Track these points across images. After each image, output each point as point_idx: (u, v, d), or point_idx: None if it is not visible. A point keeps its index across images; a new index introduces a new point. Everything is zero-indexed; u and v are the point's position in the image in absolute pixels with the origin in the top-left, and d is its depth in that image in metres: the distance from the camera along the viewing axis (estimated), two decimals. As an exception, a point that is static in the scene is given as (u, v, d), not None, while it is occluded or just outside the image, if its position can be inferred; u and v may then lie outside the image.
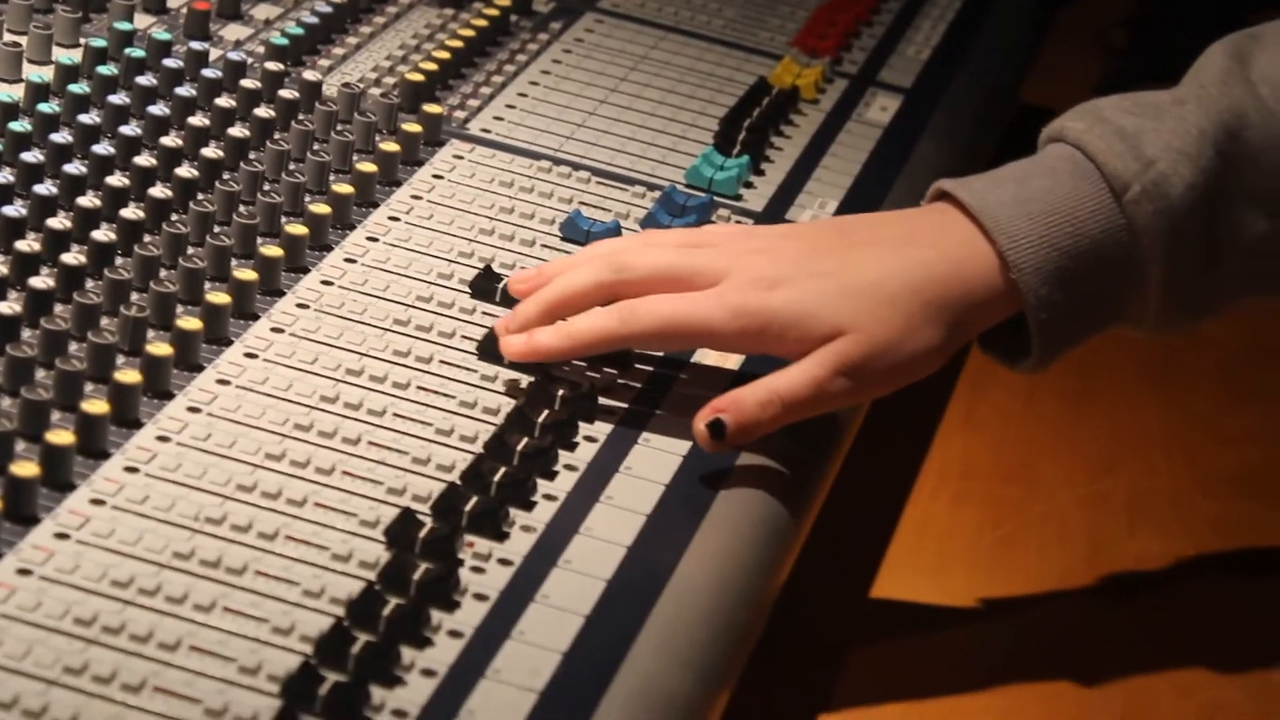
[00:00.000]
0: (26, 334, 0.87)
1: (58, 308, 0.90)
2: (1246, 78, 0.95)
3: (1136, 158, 0.92)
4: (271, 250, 0.96)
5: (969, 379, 1.21)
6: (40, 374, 0.85)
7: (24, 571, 0.76)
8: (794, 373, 0.90)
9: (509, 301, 0.97)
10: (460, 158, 1.11)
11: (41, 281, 0.89)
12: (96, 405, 0.83)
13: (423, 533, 0.81)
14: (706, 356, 0.97)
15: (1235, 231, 0.94)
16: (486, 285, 0.99)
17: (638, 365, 0.96)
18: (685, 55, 1.29)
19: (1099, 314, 0.94)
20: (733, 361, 0.97)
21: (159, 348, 0.87)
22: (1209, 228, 0.93)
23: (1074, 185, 0.93)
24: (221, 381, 0.89)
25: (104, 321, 0.89)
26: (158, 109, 1.06)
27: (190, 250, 0.96)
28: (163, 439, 0.84)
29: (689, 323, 0.91)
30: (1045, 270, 0.92)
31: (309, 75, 1.13)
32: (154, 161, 1.01)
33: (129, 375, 0.85)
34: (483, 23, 1.24)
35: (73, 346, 0.88)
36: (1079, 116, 0.95)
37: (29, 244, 0.92)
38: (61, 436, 0.81)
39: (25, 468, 0.79)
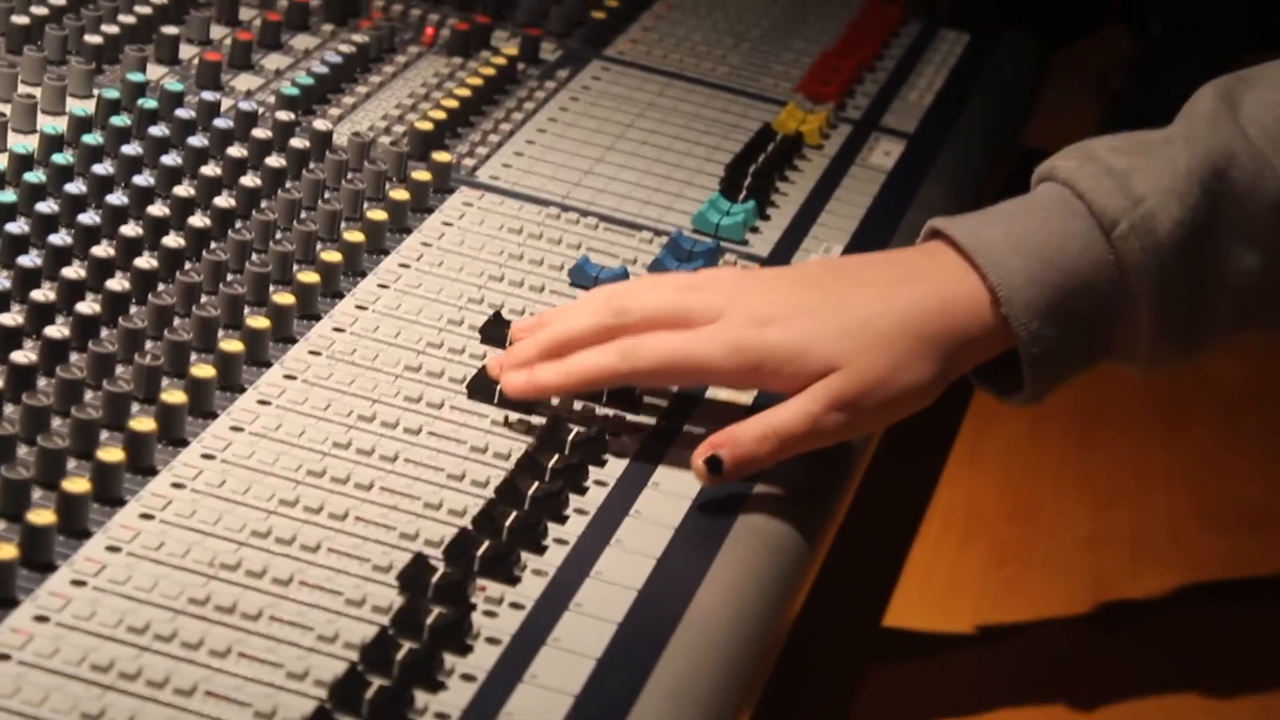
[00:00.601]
0: (42, 383, 0.89)
1: (73, 356, 0.91)
2: (1235, 118, 0.96)
3: (1126, 195, 0.93)
4: (284, 298, 0.97)
5: (974, 416, 1.22)
6: (56, 422, 0.87)
7: (41, 619, 0.77)
8: (789, 408, 0.92)
9: (519, 347, 0.99)
10: (469, 205, 1.12)
11: (57, 331, 0.91)
12: (112, 453, 0.84)
13: (435, 577, 0.82)
14: (719, 394, 0.98)
15: (1225, 268, 0.95)
16: (496, 331, 1.00)
17: (647, 401, 0.96)
18: (690, 102, 1.30)
19: (1090, 349, 0.95)
20: (746, 397, 0.98)
21: (174, 395, 0.88)
22: (1198, 265, 0.94)
23: (1064, 223, 0.94)
24: (235, 428, 0.90)
25: (119, 370, 0.91)
26: (170, 159, 1.07)
27: (204, 299, 0.97)
28: (178, 485, 0.85)
29: (687, 359, 0.93)
30: (1035, 305, 0.93)
31: (319, 124, 1.14)
32: (167, 211, 1.02)
33: (144, 423, 0.86)
34: (490, 71, 1.25)
35: (88, 395, 0.89)
36: (1070, 156, 0.96)
37: (44, 293, 0.93)
38: (77, 485, 0.82)
39: (43, 515, 0.79)
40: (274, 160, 1.09)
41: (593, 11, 1.38)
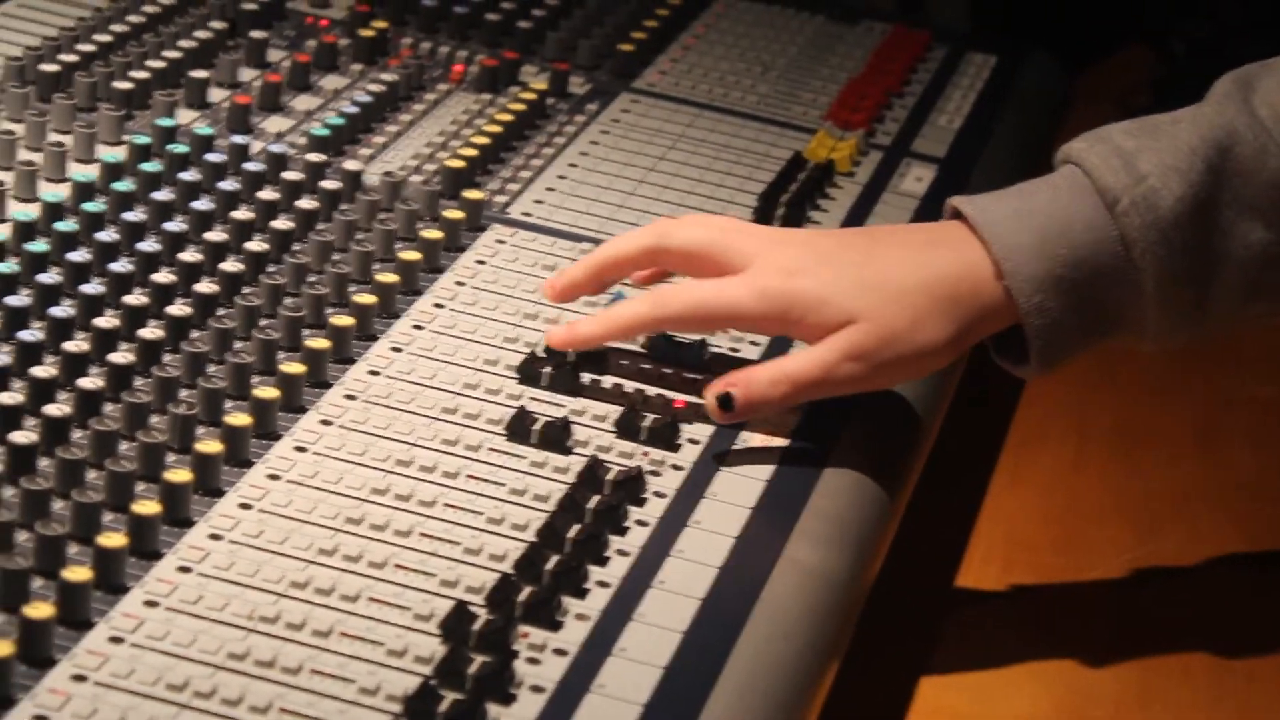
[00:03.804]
0: (77, 434, 0.88)
1: (107, 407, 0.90)
2: (1246, 100, 0.99)
3: (1129, 173, 0.97)
4: (318, 342, 0.97)
5: (1016, 440, 1.21)
6: (91, 475, 0.86)
7: (79, 678, 0.76)
8: (805, 355, 0.97)
9: (557, 386, 0.98)
10: (502, 242, 1.12)
11: (90, 382, 0.90)
12: (147, 506, 0.83)
13: (477, 625, 0.81)
14: (752, 439, 0.98)
15: (1231, 241, 0.97)
16: (533, 370, 0.99)
17: (686, 443, 0.96)
18: (721, 132, 1.30)
19: (1097, 323, 0.98)
20: (777, 441, 0.97)
21: (209, 445, 0.88)
22: (1203, 238, 0.97)
23: (1071, 200, 0.97)
24: (272, 476, 0.89)
25: (154, 420, 0.90)
26: (201, 204, 1.06)
27: (238, 345, 0.96)
28: (215, 537, 0.85)
29: (717, 304, 0.97)
30: (1039, 278, 0.96)
31: (350, 165, 1.13)
32: (199, 257, 1.02)
33: (179, 474, 0.86)
34: (520, 107, 1.25)
35: (122, 446, 0.88)
36: (1084, 138, 1.00)
37: (77, 344, 0.93)
38: (113, 539, 0.81)
39: (78, 572, 0.79)
40: (305, 202, 1.09)
41: (620, 44, 1.38)
